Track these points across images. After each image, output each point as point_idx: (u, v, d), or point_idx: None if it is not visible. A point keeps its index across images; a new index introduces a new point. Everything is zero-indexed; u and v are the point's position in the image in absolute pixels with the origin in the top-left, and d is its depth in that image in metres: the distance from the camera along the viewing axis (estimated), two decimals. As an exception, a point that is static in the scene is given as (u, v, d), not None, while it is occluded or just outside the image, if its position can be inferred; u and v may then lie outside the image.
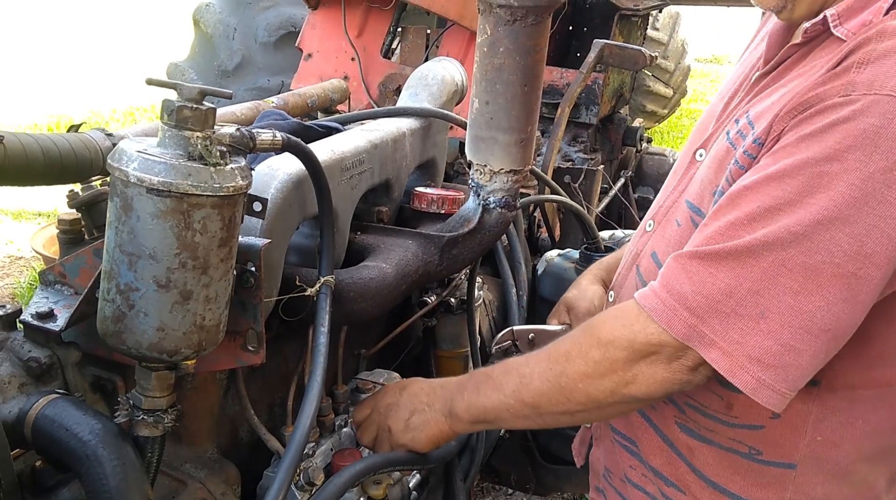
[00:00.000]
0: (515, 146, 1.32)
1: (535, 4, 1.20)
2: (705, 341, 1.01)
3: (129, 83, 8.59)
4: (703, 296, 1.00)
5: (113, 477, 0.99)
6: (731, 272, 0.99)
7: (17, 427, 1.04)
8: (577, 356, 1.11)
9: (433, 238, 1.38)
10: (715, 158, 1.14)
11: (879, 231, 0.93)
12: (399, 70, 2.28)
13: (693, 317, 1.01)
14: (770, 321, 0.97)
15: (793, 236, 0.95)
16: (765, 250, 0.97)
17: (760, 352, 0.98)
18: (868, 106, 0.93)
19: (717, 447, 1.17)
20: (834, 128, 0.94)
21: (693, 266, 1.02)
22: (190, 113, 0.94)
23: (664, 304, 1.03)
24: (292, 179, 1.16)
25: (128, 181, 0.92)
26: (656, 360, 1.05)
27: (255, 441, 1.33)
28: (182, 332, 0.98)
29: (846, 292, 0.95)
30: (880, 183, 0.92)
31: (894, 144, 0.91)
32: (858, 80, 0.95)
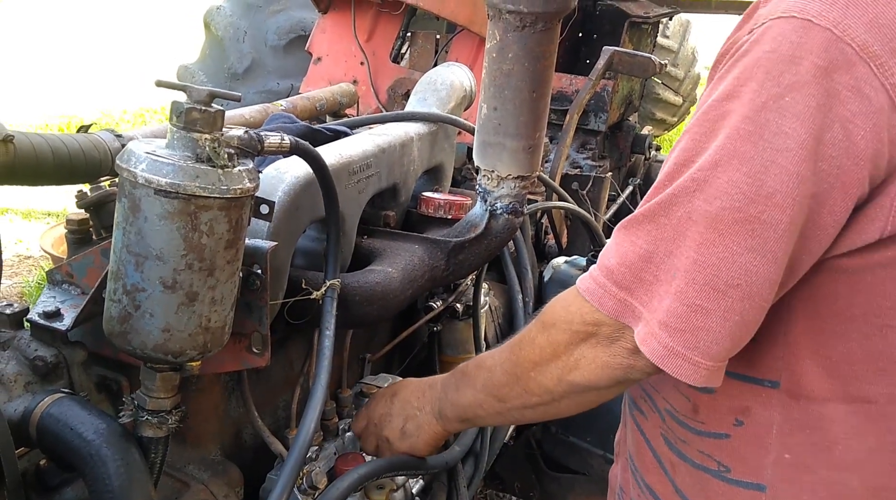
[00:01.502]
0: (523, 152, 1.32)
1: (545, 11, 1.20)
2: (633, 314, 0.93)
3: (140, 84, 8.62)
4: (626, 266, 0.93)
5: (116, 477, 0.99)
6: (647, 236, 0.92)
7: (21, 426, 1.04)
8: (526, 343, 1.08)
9: (440, 243, 1.38)
10: None
11: (778, 167, 0.83)
12: (408, 75, 2.28)
13: (621, 291, 0.94)
14: (678, 281, 0.89)
15: (696, 184, 0.88)
16: (673, 204, 0.90)
17: (668, 316, 0.89)
18: (762, 34, 0.86)
19: (689, 463, 1.10)
20: (735, 65, 0.88)
21: (619, 237, 0.96)
22: (199, 115, 0.94)
23: (595, 281, 0.97)
24: (300, 183, 1.16)
25: (136, 182, 0.93)
26: (596, 342, 0.98)
27: (258, 444, 1.33)
28: (187, 333, 0.98)
29: (750, 239, 0.86)
30: (773, 111, 0.83)
31: (785, 68, 0.83)
32: (761, 14, 0.89)
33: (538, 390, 1.07)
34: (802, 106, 0.82)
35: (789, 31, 0.84)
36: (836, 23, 0.82)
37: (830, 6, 0.83)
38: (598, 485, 2.27)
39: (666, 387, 1.12)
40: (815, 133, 0.83)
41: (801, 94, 0.82)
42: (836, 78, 0.82)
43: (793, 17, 0.84)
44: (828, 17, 0.82)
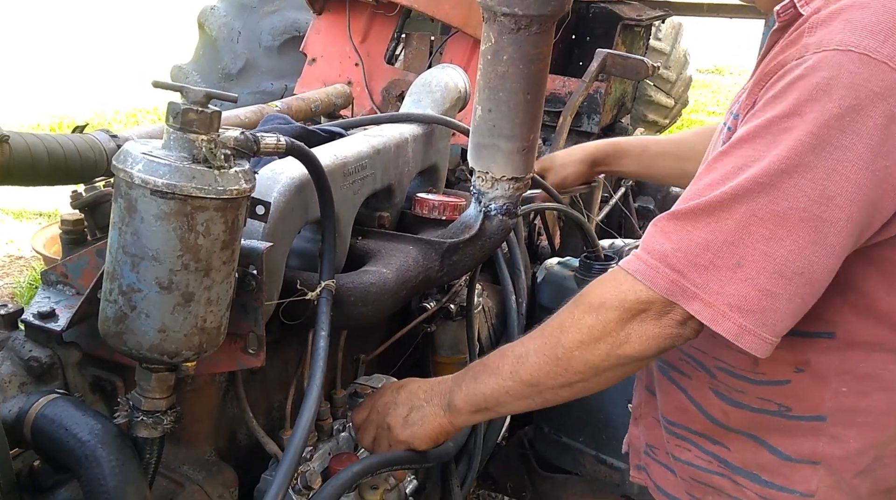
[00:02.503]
0: (518, 154, 1.32)
1: (540, 13, 1.21)
2: (688, 294, 1.06)
3: (133, 85, 8.61)
4: (682, 252, 1.06)
5: (111, 478, 0.99)
6: (706, 227, 1.05)
7: (16, 427, 1.04)
8: (570, 326, 1.15)
9: (434, 244, 1.39)
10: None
11: (838, 174, 0.98)
12: (402, 76, 2.29)
13: (675, 273, 1.06)
14: (746, 269, 1.03)
15: (760, 187, 1.01)
16: (736, 202, 1.03)
17: (739, 299, 1.03)
18: (818, 62, 0.99)
19: (747, 409, 1.23)
20: (792, 86, 1.01)
21: (671, 226, 1.08)
22: (195, 116, 0.94)
23: (646, 264, 1.08)
24: (295, 184, 1.17)
25: (132, 183, 0.93)
26: (646, 317, 1.10)
27: (253, 444, 1.33)
28: (183, 334, 0.98)
29: (814, 234, 1.01)
30: (835, 129, 0.97)
31: (844, 93, 0.97)
32: (810, 43, 1.02)
33: (583, 368, 1.15)
34: (861, 125, 0.97)
35: (847, 62, 0.98)
36: (891, 57, 0.97)
37: (883, 43, 0.97)
38: (589, 485, 2.28)
39: (718, 349, 1.25)
40: (872, 148, 0.98)
41: (860, 115, 0.97)
42: (891, 102, 0.97)
43: (850, 51, 0.98)
44: (882, 53, 0.97)
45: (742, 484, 1.27)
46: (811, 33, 1.04)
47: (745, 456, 1.26)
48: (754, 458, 1.25)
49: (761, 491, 1.25)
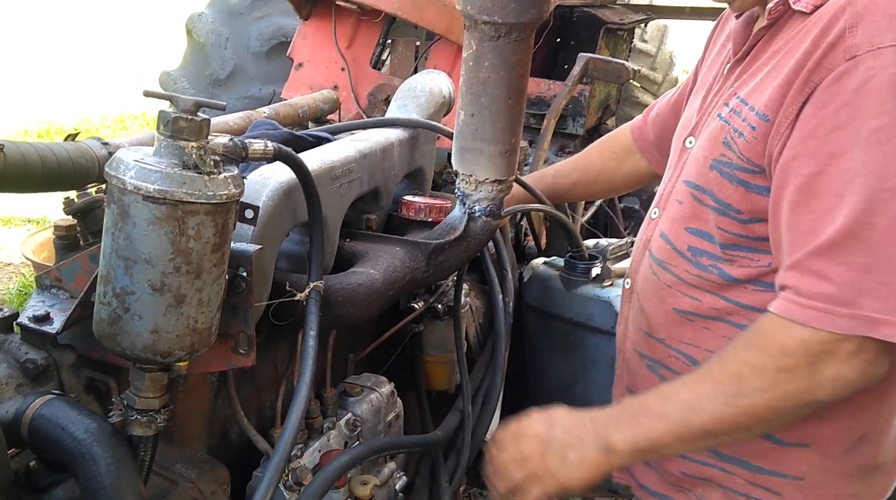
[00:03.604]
0: (500, 157, 1.36)
1: (519, 22, 1.25)
2: (873, 323, 1.04)
3: (120, 90, 8.61)
4: (847, 285, 1.04)
5: (107, 475, 1.02)
6: (857, 252, 1.04)
7: (13, 427, 1.07)
8: (750, 374, 1.12)
9: (420, 245, 1.42)
10: (709, 136, 1.25)
11: None
12: (388, 81, 2.32)
13: (850, 309, 1.05)
14: None
15: (889, 193, 1.02)
16: (872, 215, 1.02)
17: None
18: (877, 61, 1.02)
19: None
20: (861, 89, 1.02)
21: (821, 265, 1.07)
22: (185, 124, 0.97)
23: (818, 310, 1.06)
24: (283, 188, 1.20)
25: (125, 189, 0.96)
26: (837, 361, 1.07)
27: (244, 443, 1.36)
28: (175, 334, 1.01)
29: None
30: None
31: None
32: (857, 42, 1.03)
33: (769, 415, 1.13)
34: None
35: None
36: None
37: None
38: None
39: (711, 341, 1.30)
40: None
41: None
42: None
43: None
44: None
45: (732, 472, 1.30)
46: (853, 33, 1.04)
47: (737, 446, 1.28)
48: (747, 445, 1.27)
49: (752, 477, 1.29)
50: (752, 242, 1.23)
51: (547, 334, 2.06)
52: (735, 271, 1.26)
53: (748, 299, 1.26)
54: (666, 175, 1.43)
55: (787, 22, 1.19)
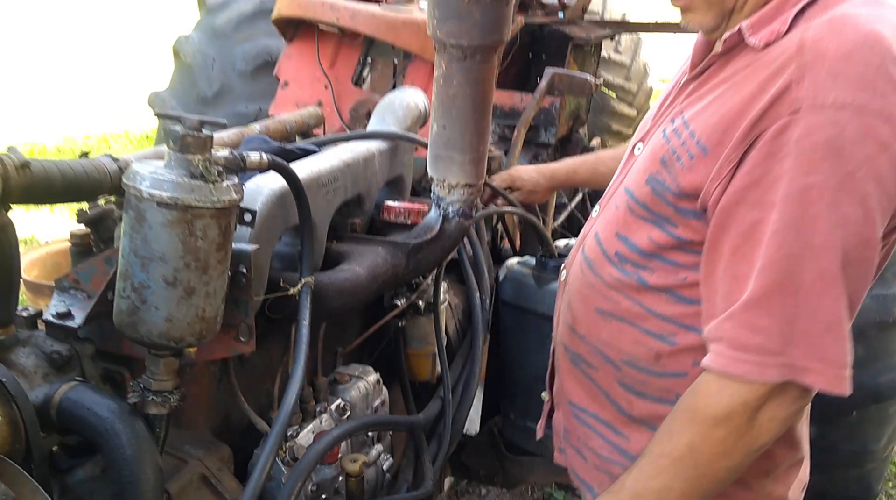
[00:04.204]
0: (470, 164, 1.52)
1: (482, 44, 1.41)
2: (800, 371, 1.11)
3: (101, 110, 8.73)
4: (775, 335, 1.10)
5: (129, 447, 1.16)
6: (784, 306, 1.09)
7: (43, 410, 1.20)
8: (701, 445, 1.17)
9: (400, 245, 1.58)
10: (651, 149, 1.30)
11: (869, 220, 1.08)
12: (369, 97, 2.48)
13: (778, 358, 1.11)
14: (834, 329, 1.09)
15: (816, 250, 1.07)
16: (800, 271, 1.08)
17: (843, 357, 1.10)
18: (818, 119, 1.05)
19: (649, 399, 1.34)
20: (801, 145, 1.06)
21: (748, 317, 1.12)
22: (192, 140, 1.12)
23: (749, 362, 1.12)
24: (276, 194, 1.35)
25: (141, 197, 1.11)
26: (770, 406, 1.14)
27: (245, 426, 1.50)
28: (186, 322, 1.16)
29: (860, 274, 1.10)
30: (857, 181, 1.05)
31: (854, 147, 1.05)
32: (801, 96, 1.06)
33: (727, 475, 1.19)
34: (878, 172, 1.05)
35: (848, 117, 1.04)
36: (882, 109, 1.04)
37: (873, 96, 1.04)
38: (555, 465, 2.47)
39: (622, 343, 1.36)
40: (888, 190, 1.07)
41: (873, 164, 1.05)
42: (893, 148, 1.05)
43: (846, 106, 1.04)
44: (874, 104, 1.04)
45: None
46: (798, 86, 1.07)
47: (643, 446, 1.30)
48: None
49: None
50: (675, 255, 1.27)
51: (521, 328, 2.21)
52: (652, 279, 1.30)
53: (660, 308, 1.31)
54: (615, 176, 1.46)
55: (739, 52, 1.21)
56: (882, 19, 1.09)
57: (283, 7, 2.44)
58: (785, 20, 1.14)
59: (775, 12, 1.16)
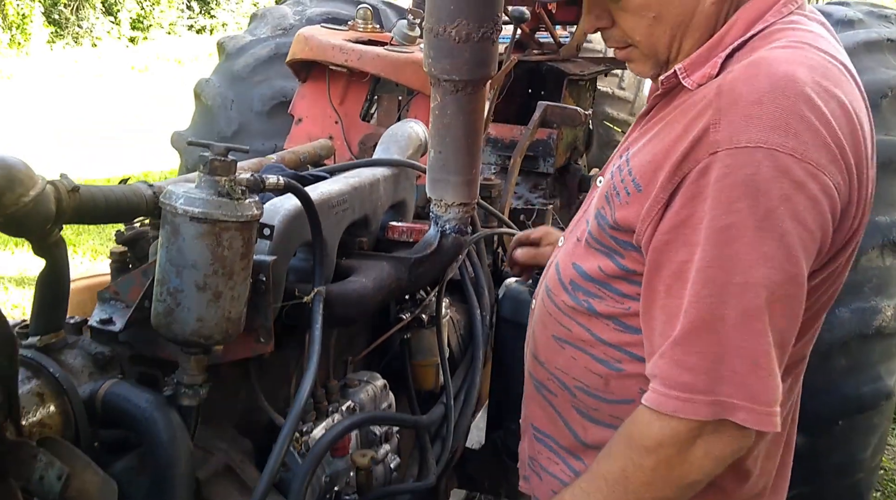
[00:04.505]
0: (463, 185, 1.70)
1: (472, 79, 1.60)
2: (729, 408, 1.13)
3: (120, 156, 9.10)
4: (703, 373, 1.13)
5: (165, 433, 1.33)
6: (710, 344, 1.12)
7: (89, 403, 1.37)
8: (633, 472, 1.22)
9: (403, 259, 1.75)
10: (602, 185, 1.36)
11: (792, 257, 1.10)
12: (376, 131, 2.67)
13: (708, 396, 1.13)
14: (763, 365, 1.12)
15: (738, 288, 1.10)
16: (723, 309, 1.11)
17: (771, 395, 1.13)
18: (737, 161, 1.09)
19: (602, 425, 1.39)
20: (719, 185, 1.10)
21: (677, 356, 1.15)
22: (219, 164, 1.31)
23: (679, 399, 1.15)
24: (292, 213, 1.53)
25: (176, 213, 1.29)
26: (703, 443, 1.16)
27: (266, 424, 1.66)
28: (214, 322, 1.33)
29: (787, 311, 1.13)
30: (775, 219, 1.08)
31: (771, 186, 1.08)
32: (719, 139, 1.10)
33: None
34: (794, 211, 1.09)
35: (762, 158, 1.07)
36: (795, 150, 1.08)
37: (785, 137, 1.08)
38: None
39: (575, 370, 1.40)
40: (807, 227, 1.10)
41: (790, 202, 1.08)
42: (809, 187, 1.09)
43: (760, 147, 1.08)
44: (788, 146, 1.08)
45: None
46: (716, 129, 1.11)
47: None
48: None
49: None
50: (621, 285, 1.31)
51: (519, 343, 2.35)
52: (601, 307, 1.34)
53: (607, 335, 1.35)
54: (581, 208, 1.51)
55: (678, 93, 1.26)
56: (799, 60, 1.13)
57: (298, 51, 2.67)
58: (715, 63, 1.20)
59: (707, 55, 1.22)
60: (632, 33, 1.28)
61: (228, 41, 3.75)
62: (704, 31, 1.24)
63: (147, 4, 23.38)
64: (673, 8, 1.22)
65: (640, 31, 1.27)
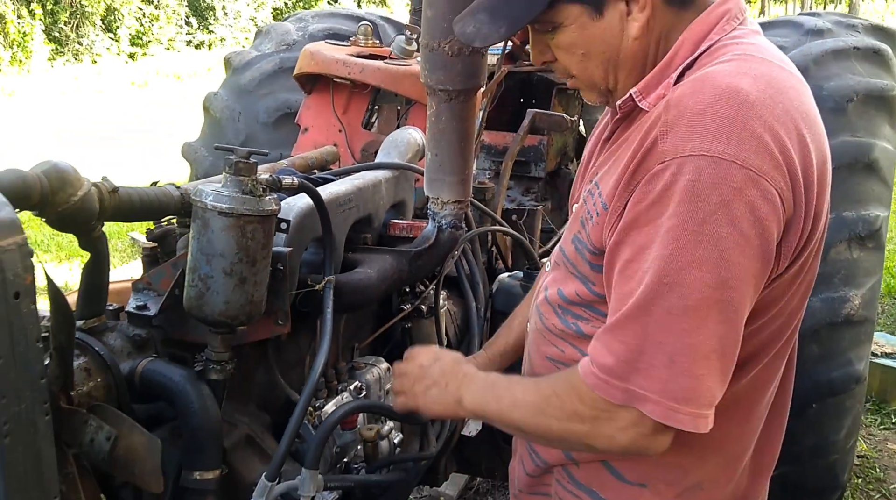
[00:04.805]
0: (458, 184, 1.89)
1: (464, 88, 1.79)
2: (639, 399, 1.18)
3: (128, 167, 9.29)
4: (623, 362, 1.19)
5: (196, 402, 1.51)
6: (634, 335, 1.18)
7: (129, 378, 1.55)
8: (555, 402, 1.30)
9: (403, 253, 1.94)
10: (576, 211, 1.43)
11: (726, 261, 1.13)
12: (377, 138, 2.86)
13: (622, 382, 1.19)
14: (678, 363, 1.16)
15: (667, 287, 1.14)
16: (651, 305, 1.16)
17: (681, 391, 1.16)
18: (679, 168, 1.13)
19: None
20: (663, 194, 1.15)
21: (608, 339, 1.22)
22: (243, 165, 1.49)
23: (599, 378, 1.22)
24: (305, 209, 1.72)
25: (206, 208, 1.47)
26: (615, 425, 1.23)
27: (283, 402, 1.84)
28: (240, 304, 1.51)
29: (721, 315, 1.15)
30: (711, 224, 1.12)
31: (710, 192, 1.11)
32: (666, 149, 1.15)
33: (556, 438, 1.34)
34: (731, 216, 1.11)
35: (704, 165, 1.11)
36: (736, 156, 1.11)
37: (727, 145, 1.12)
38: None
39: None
40: (744, 232, 1.12)
41: (728, 208, 1.11)
42: (747, 193, 1.12)
43: (703, 155, 1.12)
44: (729, 153, 1.11)
45: (583, 499, 1.46)
46: (664, 140, 1.16)
47: (589, 475, 1.44)
48: (596, 476, 1.43)
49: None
50: (601, 306, 1.35)
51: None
52: (587, 328, 1.39)
53: None
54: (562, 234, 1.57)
55: (637, 115, 1.32)
56: (743, 72, 1.18)
57: (305, 65, 2.87)
58: (668, 84, 1.26)
59: (659, 77, 1.28)
60: (569, 68, 1.37)
61: (235, 56, 3.95)
62: (634, 64, 1.31)
63: (146, 21, 23.70)
64: (598, 46, 1.30)
65: (574, 66, 1.35)
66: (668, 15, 1.28)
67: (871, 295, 2.82)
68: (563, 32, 1.30)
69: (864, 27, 3.37)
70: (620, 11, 1.27)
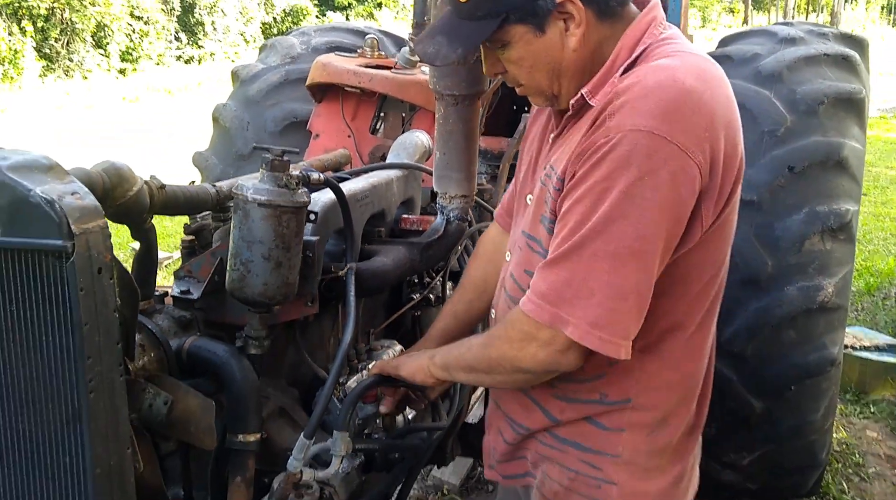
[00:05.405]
0: (464, 180, 2.10)
1: (469, 93, 2.00)
2: (562, 321, 1.37)
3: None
4: (554, 291, 1.38)
5: (238, 373, 1.69)
6: (566, 270, 1.37)
7: (176, 354, 1.73)
8: (497, 336, 1.52)
9: (415, 243, 2.13)
10: (537, 196, 1.58)
11: (646, 219, 1.33)
12: (383, 142, 3.07)
13: (552, 306, 1.38)
14: (598, 296, 1.35)
15: (596, 234, 1.34)
16: (581, 248, 1.36)
17: (596, 319, 1.35)
18: (620, 139, 1.32)
19: (579, 402, 1.58)
20: (603, 159, 1.34)
21: (545, 271, 1.41)
22: (278, 162, 1.69)
23: (533, 303, 1.41)
24: (330, 203, 1.92)
25: (247, 200, 1.66)
26: (538, 345, 1.42)
27: (310, 379, 2.03)
28: (276, 285, 1.69)
29: (638, 263, 1.35)
30: (638, 187, 1.31)
31: (641, 161, 1.30)
32: (611, 125, 1.34)
33: (497, 368, 1.52)
34: (656, 182, 1.31)
35: (641, 138, 1.30)
36: (667, 133, 1.31)
37: (661, 123, 1.31)
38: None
39: None
40: (666, 197, 1.32)
41: (654, 175, 1.31)
42: (672, 164, 1.31)
43: (640, 130, 1.31)
44: (662, 130, 1.31)
45: (567, 451, 1.60)
46: (611, 118, 1.35)
47: (572, 430, 1.59)
48: (579, 431, 1.58)
49: (581, 455, 1.59)
50: None
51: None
52: None
53: None
54: (516, 226, 1.72)
55: (584, 112, 1.48)
56: (678, 65, 1.38)
57: (317, 75, 3.09)
58: (613, 82, 1.42)
59: (605, 77, 1.45)
60: (518, 78, 1.53)
61: (242, 69, 4.15)
62: (575, 71, 1.48)
63: (136, 37, 23.87)
64: (543, 58, 1.47)
65: (523, 76, 1.52)
66: (601, 28, 1.46)
67: (844, 284, 3.00)
68: (511, 49, 1.47)
69: (833, 35, 3.60)
70: (560, 28, 1.44)
